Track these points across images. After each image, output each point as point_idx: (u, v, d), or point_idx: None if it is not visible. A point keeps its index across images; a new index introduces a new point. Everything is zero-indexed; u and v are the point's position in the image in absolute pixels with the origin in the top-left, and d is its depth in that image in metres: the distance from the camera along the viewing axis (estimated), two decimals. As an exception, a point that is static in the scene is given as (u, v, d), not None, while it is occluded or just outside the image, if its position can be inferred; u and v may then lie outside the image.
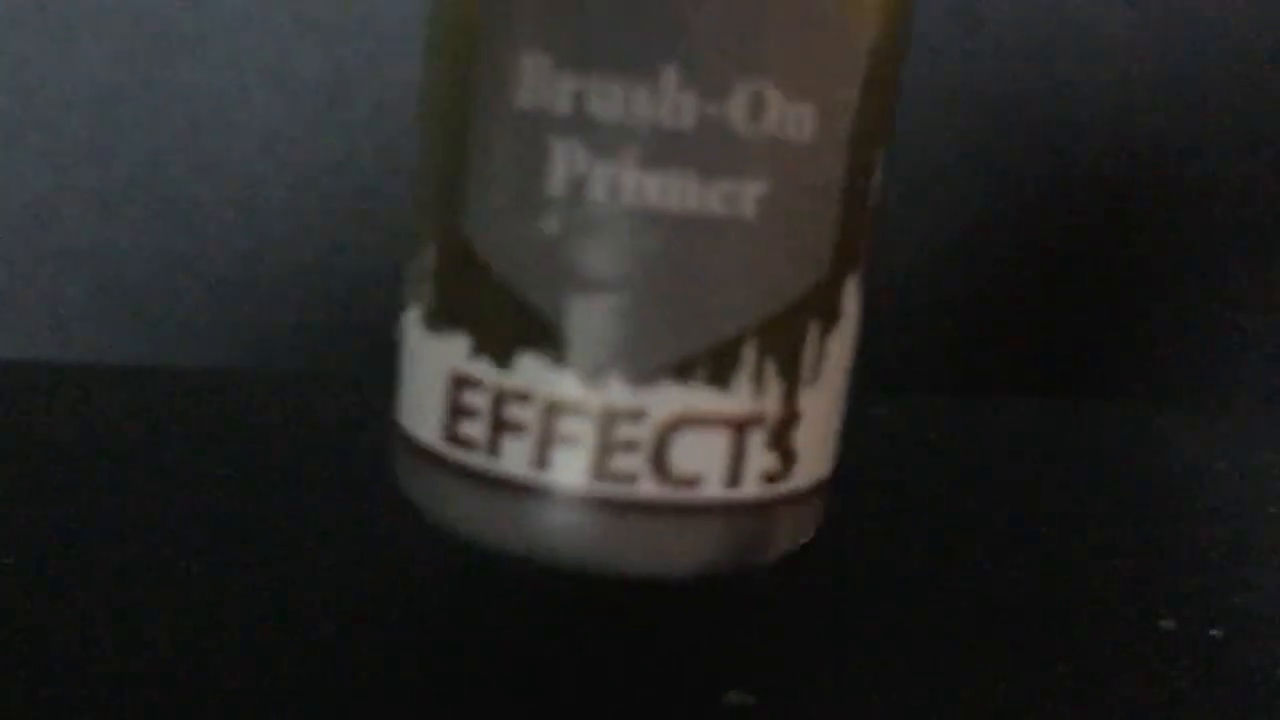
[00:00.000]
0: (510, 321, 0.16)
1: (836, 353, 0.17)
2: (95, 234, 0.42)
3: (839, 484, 0.27)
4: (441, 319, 0.17)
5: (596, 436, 0.16)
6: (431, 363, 0.17)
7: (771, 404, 0.16)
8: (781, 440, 0.16)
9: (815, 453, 0.17)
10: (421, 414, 0.17)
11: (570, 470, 0.16)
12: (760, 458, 0.16)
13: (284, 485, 0.28)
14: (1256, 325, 0.48)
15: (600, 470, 0.16)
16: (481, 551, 0.16)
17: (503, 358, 0.16)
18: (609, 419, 0.16)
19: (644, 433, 0.16)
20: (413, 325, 0.17)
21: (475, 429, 0.16)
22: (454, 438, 0.17)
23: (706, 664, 0.20)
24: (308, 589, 0.22)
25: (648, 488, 0.16)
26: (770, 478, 0.16)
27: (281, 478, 0.29)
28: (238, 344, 0.43)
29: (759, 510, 0.16)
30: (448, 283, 0.17)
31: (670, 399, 0.16)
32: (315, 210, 0.42)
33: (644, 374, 0.16)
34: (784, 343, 0.16)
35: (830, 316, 0.16)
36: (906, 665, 0.20)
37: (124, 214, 0.42)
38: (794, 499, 0.17)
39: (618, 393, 0.16)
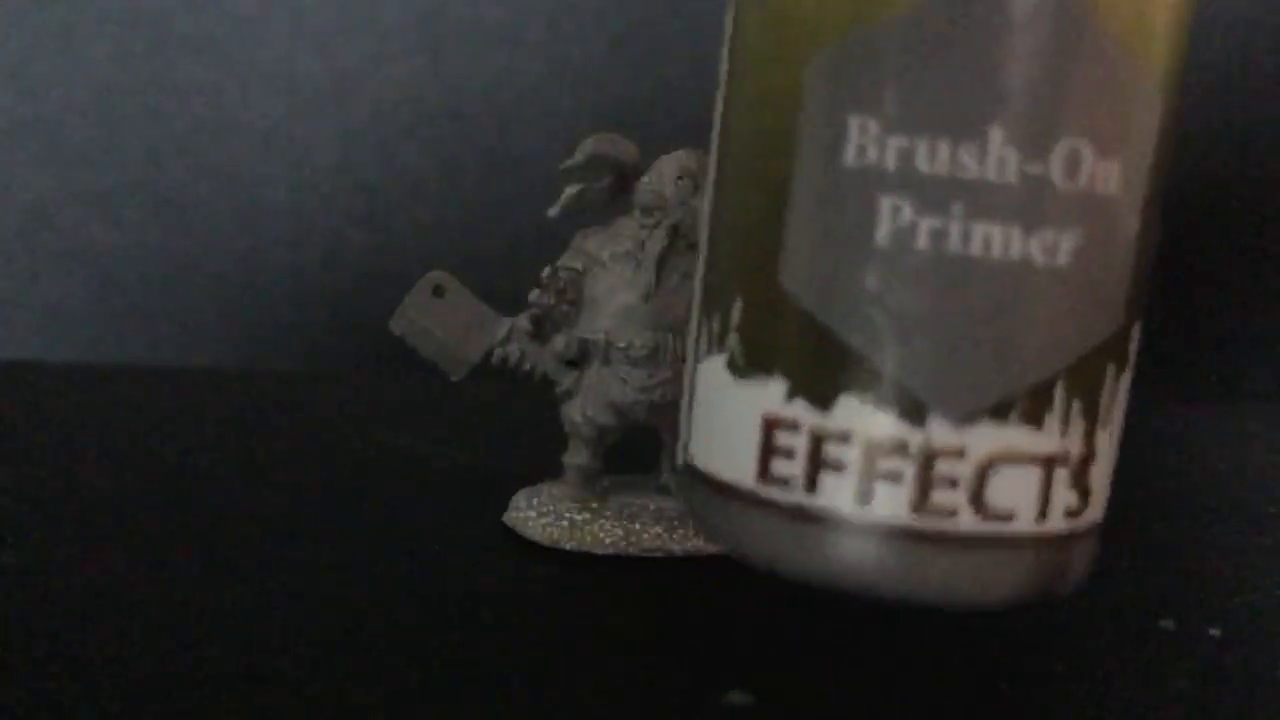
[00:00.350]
0: (831, 366, 0.17)
1: (1123, 395, 0.18)
2: (95, 234, 0.42)
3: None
4: (751, 366, 0.17)
5: (918, 473, 0.16)
6: (739, 407, 0.18)
7: (1074, 443, 0.17)
8: (1081, 478, 0.17)
9: (1102, 490, 0.18)
10: (727, 455, 0.18)
11: (892, 505, 0.16)
12: (1064, 494, 0.17)
13: (284, 485, 0.28)
14: (1257, 325, 0.48)
15: (921, 505, 0.16)
16: (787, 581, 0.17)
17: (822, 400, 0.17)
18: (930, 457, 0.16)
19: (964, 470, 0.16)
20: (714, 373, 0.18)
21: (791, 468, 0.17)
22: (767, 476, 0.17)
23: (706, 664, 0.20)
24: (307, 587, 0.22)
25: (966, 522, 0.16)
26: (1071, 513, 0.17)
27: (281, 477, 0.29)
28: (238, 344, 0.43)
29: (1061, 544, 0.17)
30: (758, 332, 0.17)
31: (989, 438, 0.16)
32: (315, 210, 0.42)
33: (965, 414, 0.16)
34: (1088, 385, 0.17)
35: (1122, 360, 0.17)
36: (906, 664, 0.20)
37: (124, 214, 0.42)
38: (1086, 534, 0.17)
39: (939, 432, 0.16)
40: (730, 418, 0.18)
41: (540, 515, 0.24)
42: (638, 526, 0.24)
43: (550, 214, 0.25)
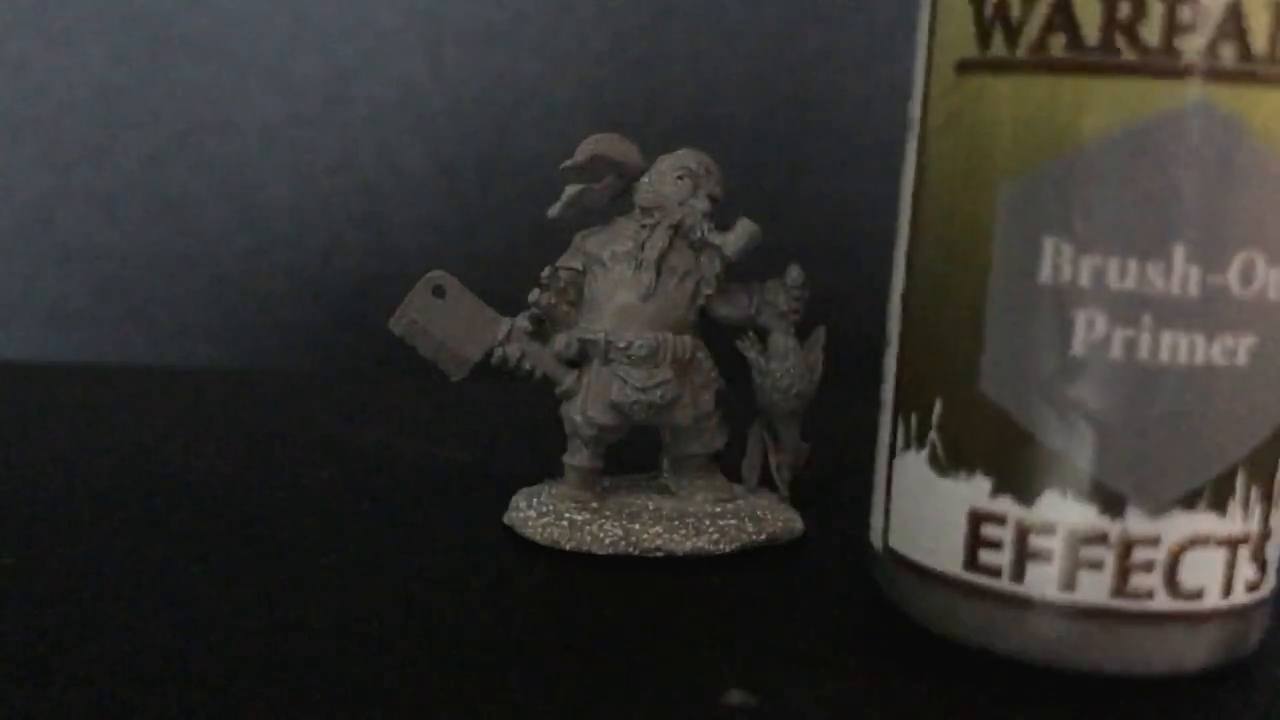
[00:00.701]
0: (1034, 465, 0.18)
1: None
2: (95, 234, 0.42)
3: (834, 484, 0.27)
4: (953, 463, 0.19)
5: (1116, 561, 0.18)
6: (944, 501, 0.20)
7: (1255, 523, 0.19)
8: (1259, 554, 0.19)
9: (1275, 561, 0.19)
10: (933, 544, 0.20)
11: (1094, 590, 0.18)
12: (1245, 570, 0.19)
13: (284, 485, 0.28)
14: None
15: (1120, 589, 0.18)
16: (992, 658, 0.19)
17: (1026, 496, 0.19)
18: (1128, 545, 0.18)
19: (1158, 555, 0.18)
20: (914, 467, 0.20)
21: (998, 557, 0.19)
22: (975, 565, 0.19)
23: (706, 664, 0.20)
24: (307, 587, 0.22)
25: (1161, 601, 0.18)
26: (1251, 587, 0.19)
27: (282, 477, 0.29)
28: (238, 344, 0.43)
29: (1243, 615, 0.19)
30: (959, 431, 0.19)
31: (1180, 525, 0.18)
32: (315, 210, 0.42)
33: (1159, 505, 0.18)
34: (1266, 470, 0.19)
35: None
36: (905, 664, 0.20)
37: (124, 214, 0.42)
38: (1264, 602, 0.19)
39: (1135, 522, 0.18)
40: (935, 510, 0.20)
41: (540, 515, 0.24)
42: (638, 526, 0.24)
43: (550, 214, 0.25)
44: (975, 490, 0.19)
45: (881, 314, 0.21)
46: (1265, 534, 0.19)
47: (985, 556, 0.19)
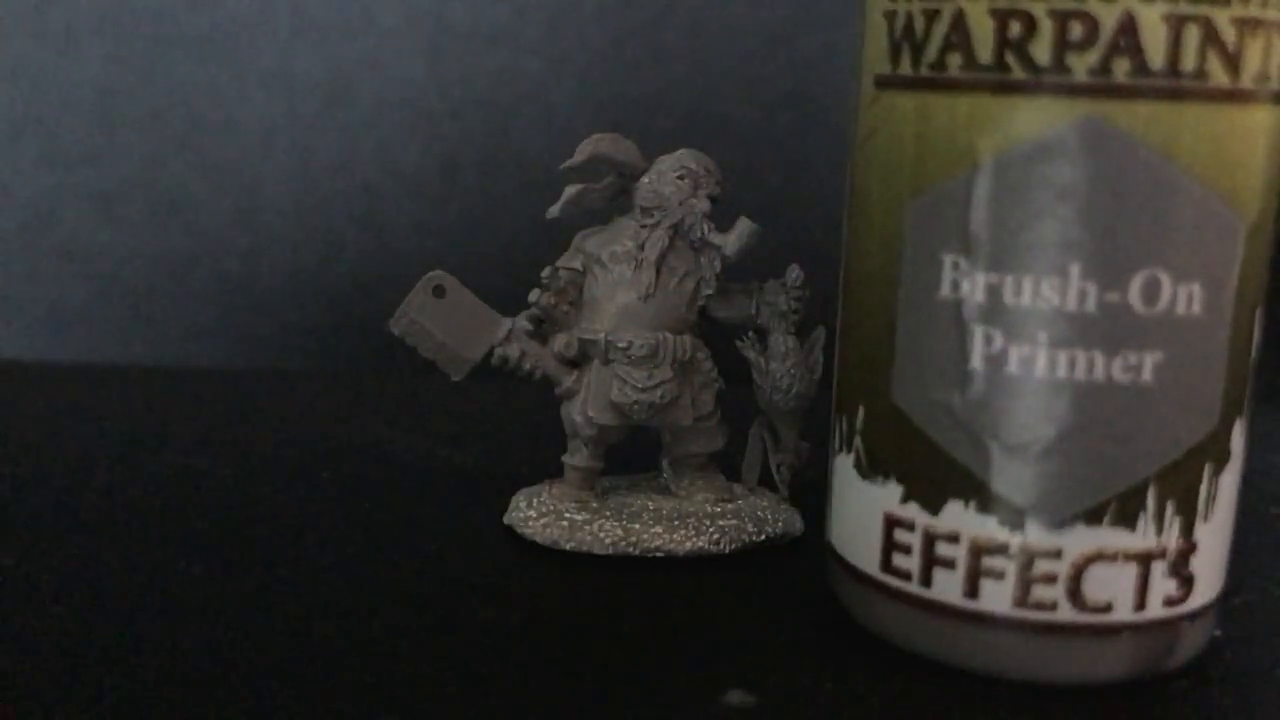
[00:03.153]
0: (939, 474, 0.19)
1: (1227, 488, 0.19)
2: (95, 234, 0.42)
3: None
4: (872, 468, 0.20)
5: (1018, 572, 0.18)
6: (864, 504, 0.20)
7: (1171, 539, 0.18)
8: (1181, 569, 0.19)
9: (1211, 575, 0.19)
10: (856, 545, 0.20)
11: (996, 599, 0.19)
12: (1162, 585, 0.19)
13: (284, 485, 0.28)
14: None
15: (1022, 599, 0.18)
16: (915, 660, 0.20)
17: (932, 504, 0.19)
18: (1029, 557, 0.18)
19: (1061, 568, 0.18)
20: (843, 469, 0.21)
21: (908, 562, 0.19)
22: (889, 568, 0.20)
23: (706, 664, 0.20)
24: (307, 587, 0.22)
25: (1065, 613, 0.18)
26: (1172, 601, 0.19)
27: (281, 477, 0.29)
28: (238, 344, 0.43)
29: (1162, 629, 0.19)
30: (876, 438, 0.20)
31: (1083, 539, 0.18)
32: (315, 210, 0.42)
33: (1059, 519, 0.18)
34: (1182, 485, 0.18)
35: (1221, 458, 0.19)
36: (905, 664, 0.20)
37: (124, 214, 0.42)
38: (1193, 616, 0.19)
39: (1036, 535, 0.18)
40: (858, 512, 0.20)
41: (540, 515, 0.24)
42: (638, 526, 0.24)
43: (550, 214, 0.25)
44: (888, 495, 0.19)
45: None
46: (1187, 549, 0.19)
47: (898, 560, 0.19)
